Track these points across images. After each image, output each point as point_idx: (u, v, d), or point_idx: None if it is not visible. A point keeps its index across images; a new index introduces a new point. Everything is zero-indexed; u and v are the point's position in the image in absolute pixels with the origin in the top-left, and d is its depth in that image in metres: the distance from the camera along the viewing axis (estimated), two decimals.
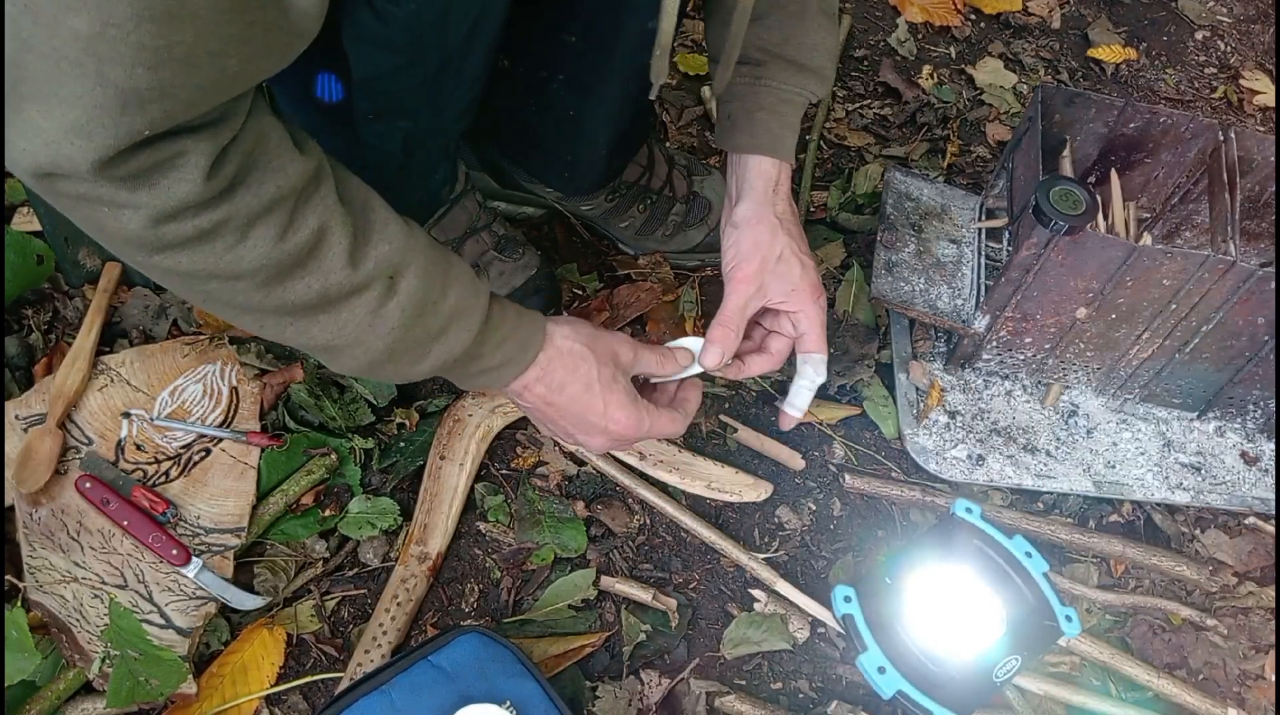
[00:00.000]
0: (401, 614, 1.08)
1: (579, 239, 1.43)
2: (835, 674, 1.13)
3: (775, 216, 1.05)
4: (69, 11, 0.58)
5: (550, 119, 1.20)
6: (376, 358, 0.83)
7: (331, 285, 0.78)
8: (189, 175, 0.68)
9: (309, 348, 0.83)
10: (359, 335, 0.81)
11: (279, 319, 0.79)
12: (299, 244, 0.75)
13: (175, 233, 0.70)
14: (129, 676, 0.99)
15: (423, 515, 1.15)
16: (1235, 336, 1.21)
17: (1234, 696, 1.16)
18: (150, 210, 0.68)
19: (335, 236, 0.77)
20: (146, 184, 0.67)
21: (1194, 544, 1.26)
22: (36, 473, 1.08)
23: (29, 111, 0.63)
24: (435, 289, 0.83)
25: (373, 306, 0.80)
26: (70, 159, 0.64)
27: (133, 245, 0.72)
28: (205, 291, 0.77)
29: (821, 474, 1.27)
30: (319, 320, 0.80)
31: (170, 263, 0.73)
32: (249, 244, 0.73)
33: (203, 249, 0.72)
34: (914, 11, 1.82)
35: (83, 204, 0.69)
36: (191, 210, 0.70)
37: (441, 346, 0.85)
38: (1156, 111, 1.28)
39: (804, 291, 1.05)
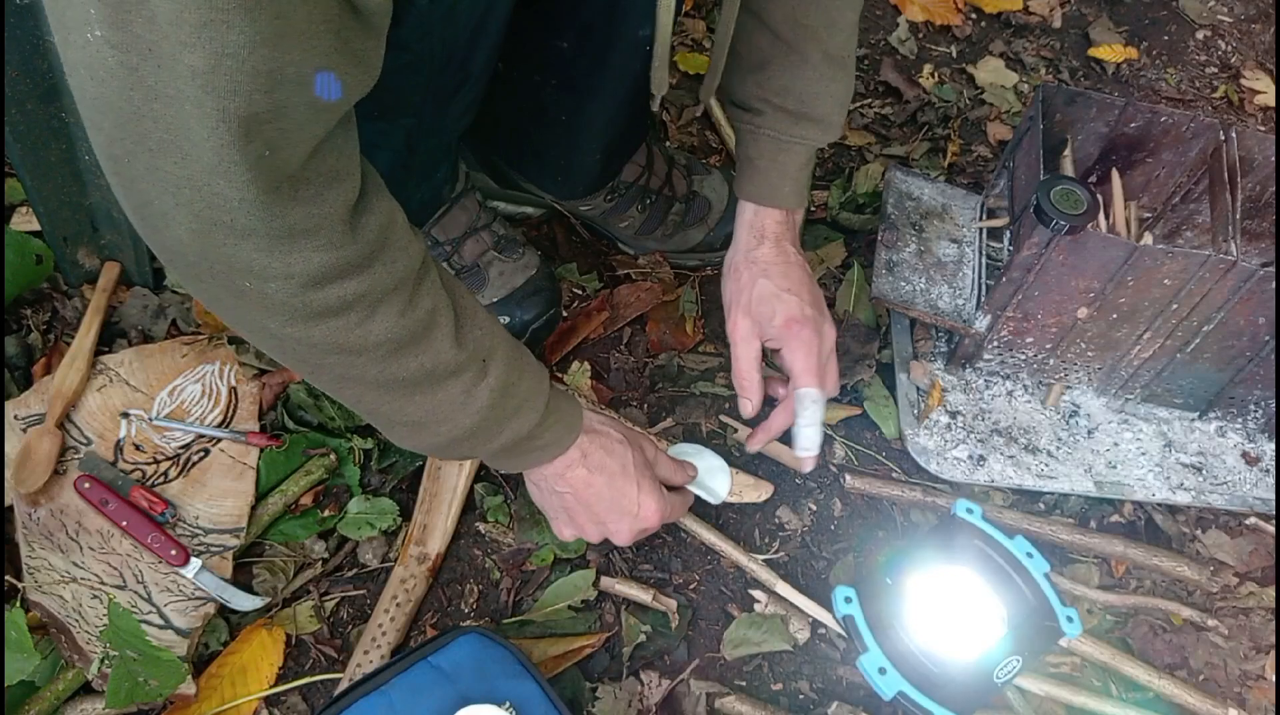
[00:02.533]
0: (401, 614, 1.08)
1: (579, 239, 1.43)
2: (836, 675, 1.13)
3: (751, 262, 1.08)
4: (184, 49, 0.56)
5: (544, 124, 1.20)
6: (459, 436, 0.87)
7: (440, 364, 0.81)
8: (332, 239, 0.70)
9: (398, 421, 0.86)
10: (450, 413, 0.85)
11: (381, 393, 0.82)
12: (417, 322, 0.79)
13: (319, 302, 0.72)
14: (128, 677, 0.99)
15: (422, 515, 1.15)
16: (1236, 336, 1.21)
17: (1235, 697, 1.16)
18: (300, 278, 0.70)
19: (443, 318, 0.81)
20: (297, 249, 0.68)
21: (1195, 544, 1.26)
22: (35, 473, 1.08)
23: (165, 167, 0.62)
24: (515, 373, 0.88)
25: (468, 386, 0.84)
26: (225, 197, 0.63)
27: (270, 315, 0.73)
28: (321, 364, 0.79)
29: (822, 474, 1.27)
30: (416, 398, 0.83)
31: (302, 334, 0.74)
32: (378, 318, 0.76)
33: (338, 321, 0.74)
34: (915, 10, 1.82)
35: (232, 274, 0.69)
36: (337, 278, 0.72)
37: (514, 425, 0.90)
38: (1157, 111, 1.28)
39: (783, 328, 1.06)
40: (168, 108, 0.59)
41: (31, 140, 1.10)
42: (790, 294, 1.07)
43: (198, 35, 0.56)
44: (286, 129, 0.63)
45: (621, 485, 0.99)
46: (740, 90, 1.08)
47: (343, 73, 0.64)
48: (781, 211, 1.10)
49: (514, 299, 1.23)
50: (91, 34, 0.57)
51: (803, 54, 1.04)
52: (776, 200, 1.09)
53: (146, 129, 0.60)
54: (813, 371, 1.06)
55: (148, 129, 0.60)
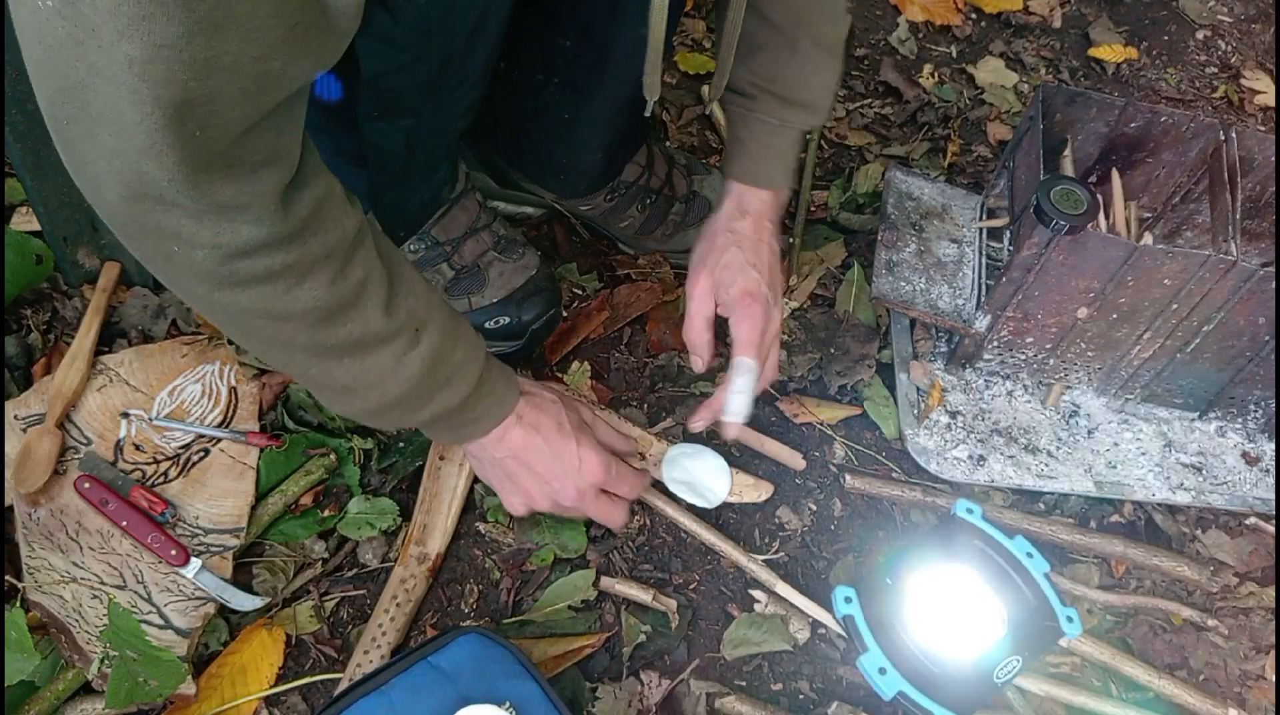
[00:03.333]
0: (401, 614, 1.08)
1: (579, 239, 1.43)
2: (836, 675, 1.13)
3: (730, 231, 1.12)
4: (122, 37, 0.58)
5: (545, 122, 1.20)
6: (388, 402, 0.89)
7: (369, 332, 0.83)
8: (262, 216, 0.71)
9: (326, 387, 0.88)
10: (379, 379, 0.87)
11: (310, 358, 0.84)
12: (347, 291, 0.80)
13: (244, 271, 0.74)
14: (128, 677, 0.99)
15: (422, 515, 1.15)
16: (1236, 336, 1.21)
17: (1235, 697, 1.16)
18: (226, 249, 0.71)
19: (374, 287, 0.83)
20: (225, 222, 0.70)
21: (1195, 544, 1.26)
22: (35, 473, 1.08)
23: (103, 135, 0.64)
24: (449, 343, 0.90)
25: (398, 354, 0.86)
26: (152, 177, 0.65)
27: (197, 280, 0.75)
28: (250, 327, 0.81)
29: (822, 474, 1.27)
30: (346, 363, 0.85)
31: (229, 300, 0.76)
32: (305, 287, 0.77)
33: (265, 289, 0.76)
34: (915, 10, 1.82)
35: (160, 238, 0.71)
36: (264, 250, 0.73)
37: (444, 395, 0.92)
38: (1157, 111, 1.28)
39: (737, 298, 1.10)
40: (106, 85, 0.61)
41: (32, 140, 1.10)
42: (754, 269, 1.11)
43: (135, 27, 0.57)
44: (219, 111, 0.64)
45: (559, 442, 1.01)
46: (733, 75, 1.10)
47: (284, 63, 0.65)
48: (768, 192, 1.14)
49: (514, 299, 1.23)
50: (44, 2, 0.58)
51: (794, 41, 1.06)
52: (765, 181, 1.13)
53: (87, 99, 0.62)
54: (753, 344, 1.10)
55: (88, 99, 0.62)
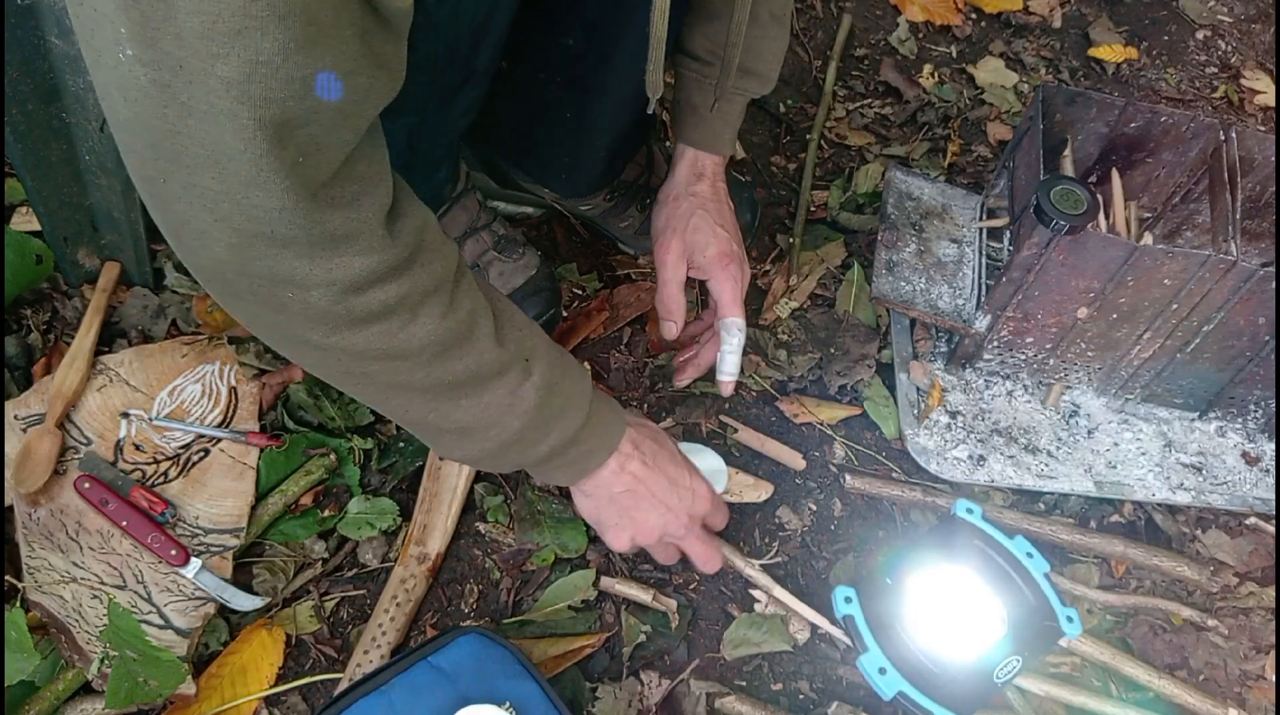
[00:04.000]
0: (401, 614, 1.08)
1: (579, 239, 1.43)
2: (836, 675, 1.13)
3: (691, 194, 1.15)
4: (215, 60, 0.56)
5: (548, 121, 1.20)
6: (507, 439, 0.87)
7: (484, 364, 0.81)
8: (372, 244, 0.70)
9: (445, 431, 0.86)
10: (498, 415, 0.85)
11: (427, 401, 0.82)
12: (458, 323, 0.79)
13: (362, 307, 0.72)
14: (128, 677, 0.99)
15: (422, 515, 1.15)
16: (1236, 336, 1.21)
17: (1235, 697, 1.16)
18: (341, 284, 0.70)
19: (483, 318, 0.81)
20: (337, 255, 0.68)
21: (1195, 544, 1.26)
22: (35, 473, 1.08)
23: (201, 184, 0.62)
24: (558, 371, 0.88)
25: (513, 387, 0.84)
26: (263, 209, 0.63)
27: (313, 325, 0.73)
28: (365, 372, 0.79)
29: (822, 474, 1.27)
30: (463, 402, 0.83)
31: (346, 342, 0.74)
32: (419, 322, 0.76)
33: (379, 327, 0.74)
34: (915, 10, 1.82)
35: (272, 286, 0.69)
36: (378, 282, 0.72)
37: (560, 426, 0.90)
38: (1157, 111, 1.28)
39: (713, 259, 1.13)
40: (201, 123, 0.59)
41: (32, 140, 1.10)
42: (723, 230, 1.15)
43: (230, 46, 0.55)
44: (317, 135, 0.63)
45: (675, 471, 1.01)
46: (691, 41, 1.12)
47: (369, 76, 0.64)
48: (716, 157, 1.17)
49: (514, 299, 1.23)
50: (123, 53, 0.57)
51: (753, 12, 1.07)
52: (717, 147, 1.17)
53: (181, 146, 0.60)
54: (739, 303, 1.14)
55: (183, 146, 0.60)
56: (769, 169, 1.56)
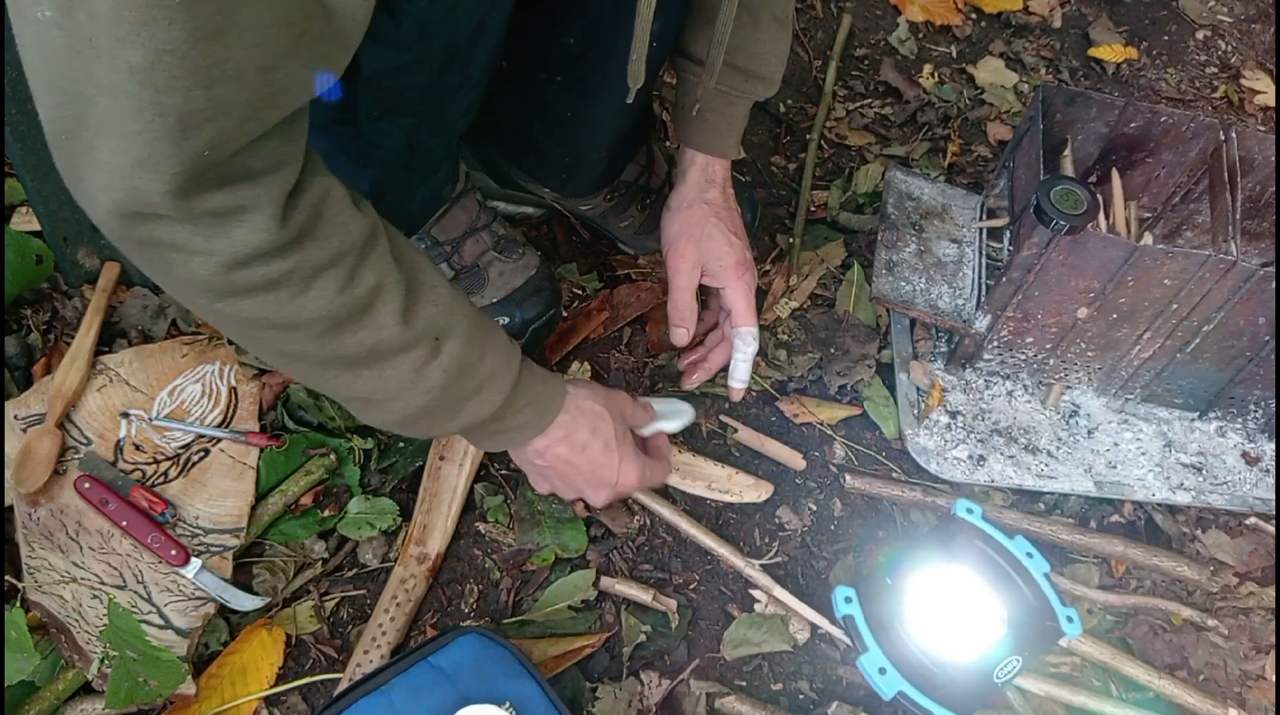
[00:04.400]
0: (401, 614, 1.08)
1: (579, 239, 1.43)
2: (836, 675, 1.13)
3: (705, 202, 1.16)
4: (123, 45, 0.57)
5: (548, 121, 1.20)
6: (412, 414, 0.86)
7: (382, 341, 0.80)
8: (261, 223, 0.69)
9: (348, 398, 0.86)
10: (400, 391, 0.84)
11: (325, 369, 0.82)
12: (356, 299, 0.77)
13: (244, 280, 0.71)
14: (128, 677, 0.99)
15: (422, 515, 1.15)
16: (1236, 336, 1.21)
17: (1235, 697, 1.16)
18: (223, 257, 0.69)
19: (389, 294, 0.79)
20: (221, 230, 0.68)
21: (1195, 544, 1.26)
22: (35, 473, 1.08)
23: (100, 149, 0.63)
24: (475, 353, 0.87)
25: (417, 365, 0.83)
26: (144, 192, 0.64)
27: (198, 291, 0.73)
28: (259, 338, 0.79)
29: (822, 474, 1.27)
30: (364, 374, 0.82)
31: (232, 309, 0.74)
32: (310, 295, 0.75)
33: (267, 297, 0.73)
34: (915, 10, 1.82)
35: (156, 249, 0.69)
36: (262, 258, 0.71)
37: (473, 406, 0.89)
38: (1157, 111, 1.28)
39: (729, 268, 1.15)
40: (106, 97, 0.60)
41: (32, 140, 1.10)
42: (737, 239, 1.16)
43: (136, 33, 0.56)
44: (226, 128, 0.63)
45: (603, 459, 1.01)
46: (694, 44, 1.11)
47: (291, 74, 0.64)
48: (723, 161, 1.18)
49: (514, 299, 1.23)
50: (42, 13, 0.58)
51: (755, 15, 1.08)
52: (724, 151, 1.17)
53: (86, 111, 0.61)
54: (753, 312, 1.17)
55: (87, 112, 0.61)
56: (769, 169, 1.56)
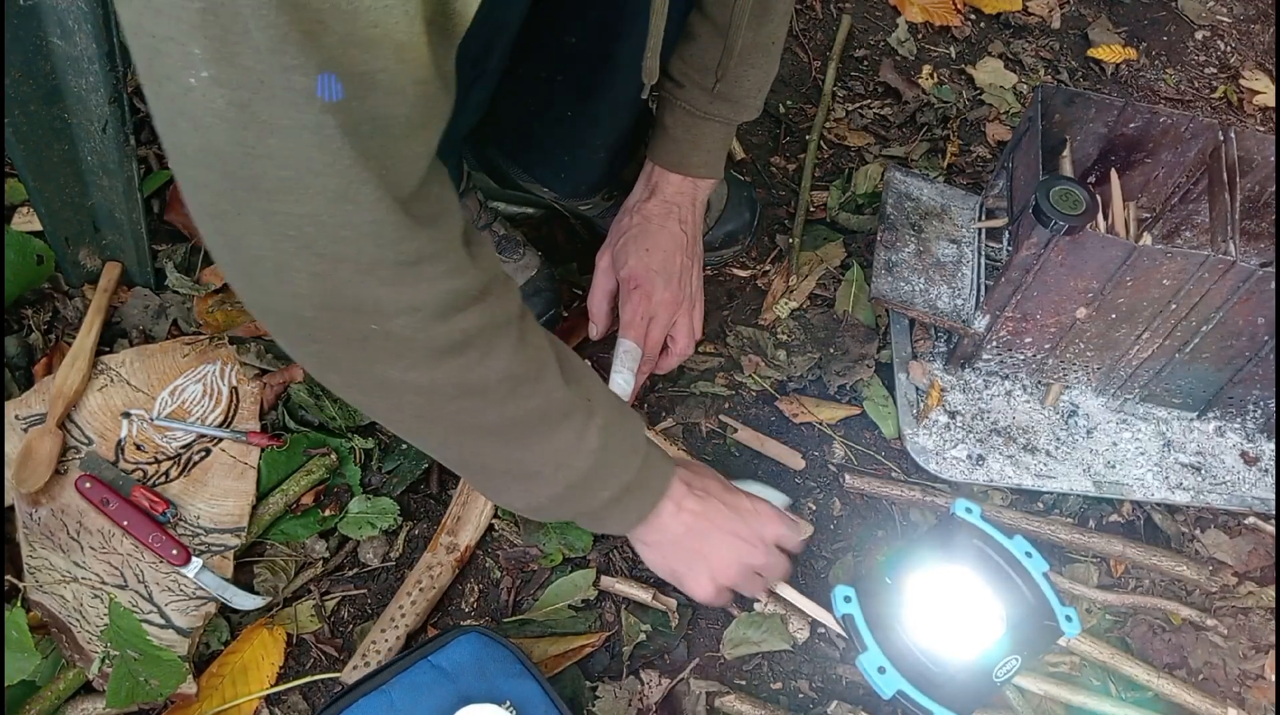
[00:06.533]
0: (423, 599, 1.09)
1: (579, 239, 1.43)
2: (835, 674, 1.13)
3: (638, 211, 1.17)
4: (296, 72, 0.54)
5: (549, 120, 1.20)
6: (574, 481, 0.84)
7: (553, 403, 0.80)
8: (456, 267, 0.68)
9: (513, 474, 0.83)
10: (566, 457, 0.82)
11: (497, 442, 0.80)
12: (529, 359, 0.77)
13: (445, 335, 0.70)
14: (129, 676, 0.99)
15: (458, 507, 1.15)
16: (1235, 336, 1.21)
17: (1234, 696, 1.16)
18: (428, 310, 0.68)
19: (550, 357, 0.80)
20: (424, 279, 0.66)
21: (1194, 544, 1.26)
22: (36, 473, 1.08)
23: (283, 208, 0.59)
24: (616, 414, 0.86)
25: (579, 427, 0.82)
26: (353, 226, 0.60)
27: (395, 357, 0.70)
28: (439, 415, 0.76)
29: (821, 474, 1.27)
30: (531, 443, 0.80)
31: (425, 378, 0.72)
32: (496, 354, 0.74)
33: (462, 357, 0.72)
34: (914, 11, 1.82)
35: (354, 317, 0.66)
36: (461, 308, 0.70)
37: (620, 470, 0.87)
38: (1156, 111, 1.28)
39: (624, 279, 1.15)
40: (284, 141, 0.56)
41: (34, 141, 1.11)
42: (647, 253, 1.15)
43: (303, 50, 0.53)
44: (390, 145, 0.61)
45: (731, 497, 0.98)
46: (665, 60, 1.11)
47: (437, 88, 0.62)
48: (684, 178, 1.16)
49: None
50: (196, 77, 0.54)
51: (727, 35, 1.06)
52: (681, 167, 1.16)
53: (261, 170, 0.58)
54: (634, 326, 1.15)
55: (262, 170, 0.58)
56: (768, 169, 1.56)
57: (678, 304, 1.17)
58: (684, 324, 1.19)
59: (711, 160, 1.17)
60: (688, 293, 1.19)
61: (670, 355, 1.21)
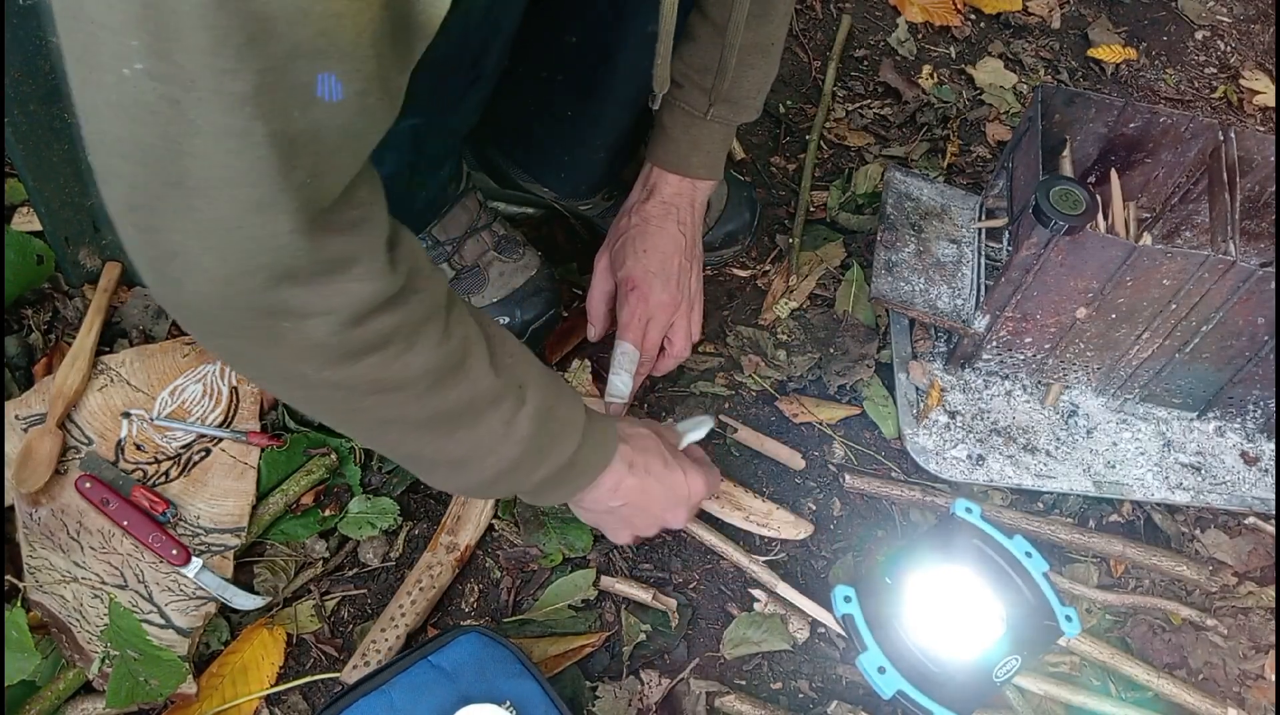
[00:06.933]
0: (423, 599, 1.09)
1: (579, 239, 1.43)
2: (835, 674, 1.13)
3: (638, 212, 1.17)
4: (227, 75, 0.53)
5: (549, 120, 1.20)
6: (505, 468, 0.84)
7: (479, 393, 0.79)
8: (374, 272, 0.68)
9: (441, 461, 0.84)
10: (495, 445, 0.83)
11: (421, 433, 0.80)
12: (452, 351, 0.77)
13: (359, 338, 0.69)
14: (129, 676, 0.99)
15: (457, 507, 1.15)
16: (1235, 336, 1.21)
17: (1234, 696, 1.16)
18: (342, 314, 0.67)
19: (477, 345, 0.79)
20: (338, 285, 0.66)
21: (1194, 544, 1.26)
22: (36, 473, 1.08)
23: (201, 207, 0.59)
24: (551, 397, 0.86)
25: (507, 416, 0.82)
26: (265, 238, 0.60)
27: (307, 357, 0.70)
28: (359, 408, 0.76)
29: (821, 474, 1.27)
30: (458, 434, 0.80)
31: (340, 376, 0.71)
32: (415, 351, 0.73)
33: (379, 356, 0.71)
34: (914, 11, 1.82)
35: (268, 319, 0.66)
36: (377, 311, 0.69)
37: (557, 451, 0.88)
38: (1156, 111, 1.28)
39: (622, 281, 1.17)
40: (208, 143, 0.56)
41: (34, 141, 1.11)
42: (645, 254, 1.15)
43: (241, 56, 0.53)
44: (322, 155, 0.61)
45: (670, 477, 0.99)
46: None
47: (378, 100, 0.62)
48: (682, 179, 1.16)
49: (514, 300, 1.23)
50: (130, 68, 0.54)
51: (726, 37, 1.06)
52: (679, 168, 1.16)
53: (184, 168, 0.57)
54: (629, 327, 1.15)
55: (185, 168, 0.57)
56: (768, 169, 1.56)
57: (675, 306, 1.17)
58: (681, 326, 1.19)
59: (710, 161, 1.17)
60: (686, 294, 1.19)
61: (667, 357, 1.21)
